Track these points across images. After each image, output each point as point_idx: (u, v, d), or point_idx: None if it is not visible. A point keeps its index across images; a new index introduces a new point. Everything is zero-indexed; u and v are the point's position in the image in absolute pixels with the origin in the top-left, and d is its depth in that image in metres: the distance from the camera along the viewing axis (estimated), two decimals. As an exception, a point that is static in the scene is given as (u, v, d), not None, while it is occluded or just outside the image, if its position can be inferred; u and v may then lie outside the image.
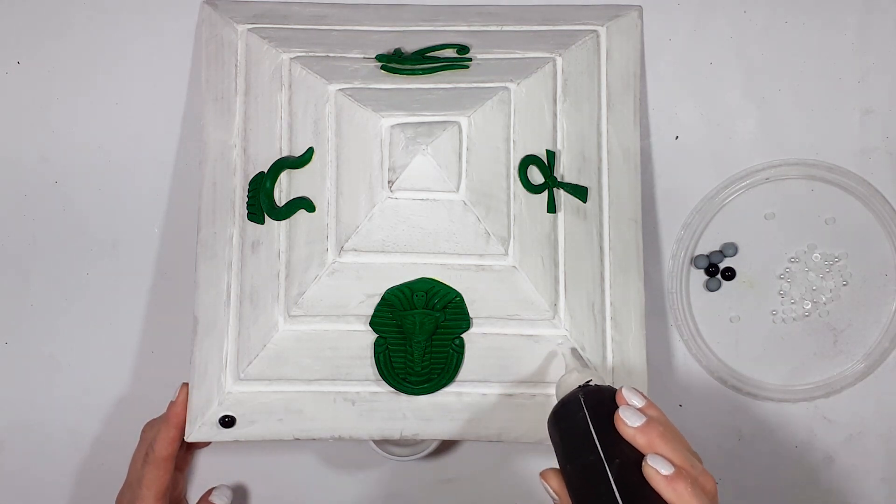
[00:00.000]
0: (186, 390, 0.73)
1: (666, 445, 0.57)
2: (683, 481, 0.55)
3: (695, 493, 0.55)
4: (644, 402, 0.60)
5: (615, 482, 0.56)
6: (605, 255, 0.74)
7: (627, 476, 0.56)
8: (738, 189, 0.80)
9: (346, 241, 0.69)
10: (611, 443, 0.58)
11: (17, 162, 0.80)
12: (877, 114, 0.80)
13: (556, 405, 0.62)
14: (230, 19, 0.75)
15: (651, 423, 0.58)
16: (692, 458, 0.58)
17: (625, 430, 0.58)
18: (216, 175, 0.74)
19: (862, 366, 0.81)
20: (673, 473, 0.55)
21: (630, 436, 0.57)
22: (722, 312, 0.81)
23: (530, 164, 0.71)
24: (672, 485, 0.55)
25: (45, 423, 0.80)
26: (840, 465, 0.82)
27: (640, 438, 0.57)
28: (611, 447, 0.57)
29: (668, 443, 0.57)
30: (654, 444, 0.57)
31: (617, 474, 0.56)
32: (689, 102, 0.80)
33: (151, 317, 0.80)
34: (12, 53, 0.79)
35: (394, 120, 0.69)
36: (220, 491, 0.78)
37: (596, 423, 0.58)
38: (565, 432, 0.60)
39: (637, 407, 0.59)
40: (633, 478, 0.56)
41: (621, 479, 0.56)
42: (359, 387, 0.72)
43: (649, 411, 0.59)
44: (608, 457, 0.57)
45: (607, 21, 0.76)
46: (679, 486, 0.55)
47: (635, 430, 0.57)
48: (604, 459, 0.57)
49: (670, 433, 0.58)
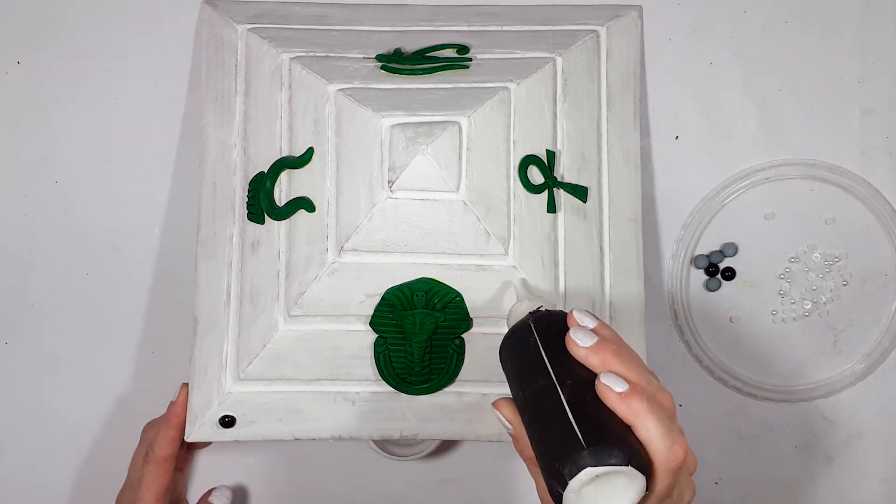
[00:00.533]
0: (186, 390, 0.73)
1: (620, 363, 0.54)
2: (638, 397, 0.52)
3: (651, 410, 0.52)
4: (596, 322, 0.56)
5: (567, 403, 0.53)
6: (605, 255, 0.74)
7: (580, 396, 0.53)
8: (738, 189, 0.80)
9: (346, 241, 0.69)
10: (563, 365, 0.55)
11: (17, 162, 0.80)
12: (877, 114, 0.80)
13: (507, 333, 0.59)
14: (230, 19, 0.75)
15: (604, 342, 0.55)
16: (648, 375, 0.55)
17: (576, 351, 0.55)
18: (216, 175, 0.74)
19: (862, 366, 0.81)
20: (627, 390, 0.52)
21: (582, 356, 0.55)
22: (722, 312, 0.81)
23: (530, 164, 0.71)
24: (626, 401, 0.52)
25: (45, 423, 0.80)
26: (840, 465, 0.82)
27: (593, 358, 0.54)
28: (563, 369, 0.55)
29: (622, 361, 0.54)
30: (608, 363, 0.54)
31: (569, 395, 0.53)
32: (689, 102, 0.80)
33: (151, 317, 0.80)
34: (12, 53, 0.79)
35: (394, 120, 0.69)
36: (219, 492, 0.78)
37: (547, 347, 0.56)
38: (516, 359, 0.57)
39: (590, 328, 0.56)
40: (587, 397, 0.53)
41: (574, 400, 0.53)
42: (359, 387, 0.72)
43: (602, 331, 0.56)
44: (560, 379, 0.54)
45: (607, 21, 0.76)
46: (634, 402, 0.52)
47: (587, 350, 0.54)
48: (555, 381, 0.54)
49: (624, 352, 0.55)
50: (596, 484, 0.51)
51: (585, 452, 0.50)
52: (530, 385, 0.55)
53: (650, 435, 0.52)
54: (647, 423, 0.52)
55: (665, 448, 0.52)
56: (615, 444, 0.51)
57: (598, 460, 0.50)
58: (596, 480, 0.51)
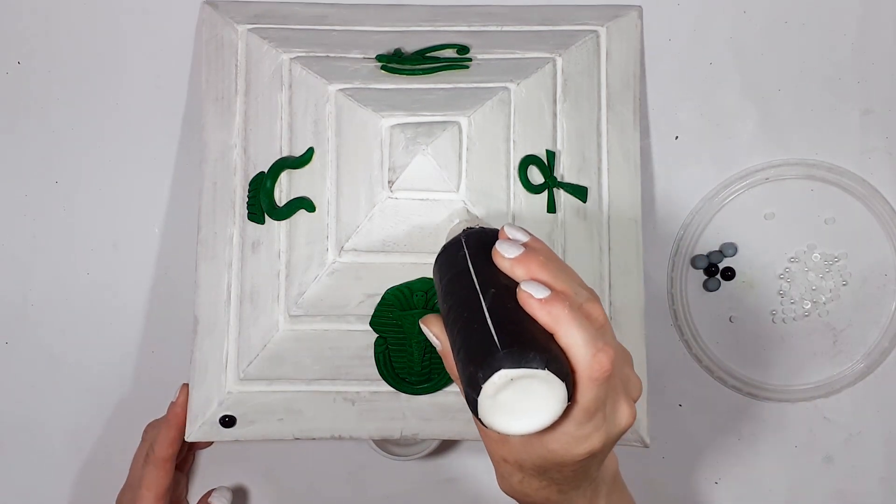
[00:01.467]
0: (187, 391, 0.73)
1: (546, 273, 0.52)
2: (560, 303, 0.50)
3: (574, 317, 0.49)
4: (528, 237, 0.54)
5: (488, 310, 0.50)
6: (605, 255, 0.74)
7: (502, 304, 0.51)
8: (738, 189, 0.80)
9: (346, 241, 0.69)
10: (489, 278, 0.53)
11: (18, 162, 0.80)
12: (877, 114, 0.80)
13: (440, 250, 0.58)
14: (230, 19, 0.75)
15: (530, 253, 0.52)
16: (577, 287, 0.52)
17: (501, 263, 0.53)
18: (216, 175, 0.74)
19: (862, 366, 0.81)
20: (549, 296, 0.50)
21: (507, 268, 0.52)
22: (722, 312, 0.81)
23: (530, 164, 0.71)
24: (547, 307, 0.50)
25: (45, 423, 0.80)
26: (840, 465, 0.82)
27: (518, 269, 0.52)
28: (487, 280, 0.52)
29: (548, 271, 0.52)
30: (533, 273, 0.52)
31: (490, 302, 0.51)
32: (689, 102, 0.80)
33: (151, 317, 0.80)
34: (12, 53, 0.79)
35: (394, 120, 0.69)
36: (219, 492, 0.78)
37: (475, 260, 0.54)
38: (444, 274, 0.55)
39: (521, 241, 0.54)
40: (508, 305, 0.51)
41: (494, 307, 0.51)
42: (359, 387, 0.72)
43: (533, 244, 0.54)
44: (483, 289, 0.52)
45: (607, 21, 0.76)
46: (555, 308, 0.50)
47: (512, 261, 0.52)
48: (479, 291, 0.52)
49: (553, 263, 0.53)
50: (513, 390, 0.49)
51: (500, 354, 0.48)
52: (455, 297, 0.53)
53: (572, 342, 0.49)
54: (568, 330, 0.49)
55: (588, 356, 0.49)
56: (532, 348, 0.48)
57: (513, 362, 0.48)
58: (513, 386, 0.49)
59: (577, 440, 0.51)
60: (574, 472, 0.53)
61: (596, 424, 0.51)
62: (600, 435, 0.51)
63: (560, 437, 0.51)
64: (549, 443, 0.51)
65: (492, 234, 0.55)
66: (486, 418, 0.49)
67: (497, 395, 0.49)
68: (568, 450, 0.51)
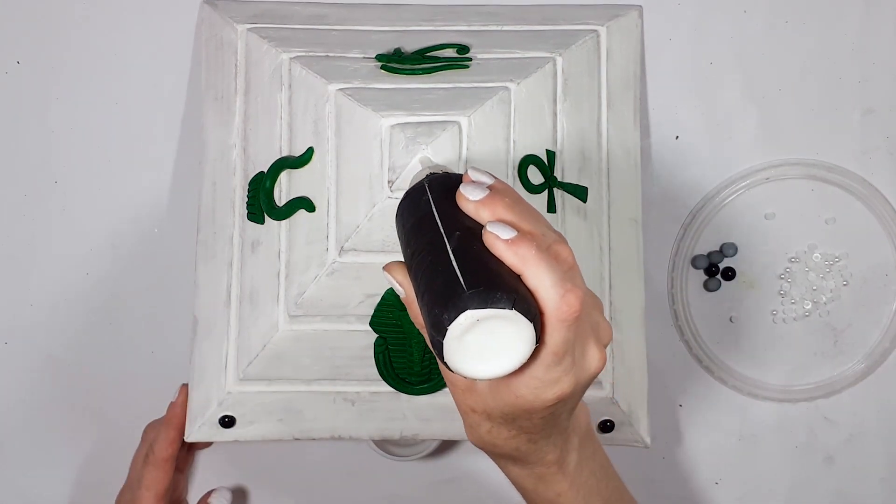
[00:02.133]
0: (186, 391, 0.73)
1: (512, 214, 0.50)
2: (527, 244, 0.48)
3: (542, 257, 0.48)
4: (493, 179, 0.53)
5: (453, 252, 0.49)
6: (605, 255, 0.74)
7: (467, 246, 0.49)
8: (738, 189, 0.80)
9: (346, 241, 0.69)
10: (452, 220, 0.51)
11: (18, 162, 0.80)
12: (877, 113, 0.80)
13: (402, 197, 0.56)
14: (230, 19, 0.75)
15: (495, 195, 0.51)
16: (545, 228, 0.51)
17: (465, 206, 0.51)
18: (216, 175, 0.74)
19: (862, 366, 0.81)
20: (516, 237, 0.49)
21: (471, 210, 0.51)
22: (722, 312, 0.81)
23: (530, 164, 0.71)
24: (513, 248, 0.48)
25: (45, 423, 0.80)
26: (840, 465, 0.82)
27: (483, 211, 0.51)
28: (452, 223, 0.51)
29: (515, 212, 0.50)
30: (498, 215, 0.50)
31: (455, 244, 0.49)
32: (689, 102, 0.80)
33: (151, 317, 0.80)
34: (12, 53, 0.79)
35: (394, 120, 0.69)
36: (219, 493, 0.78)
37: (439, 205, 0.52)
38: (407, 220, 0.54)
39: (486, 184, 0.52)
40: (474, 247, 0.49)
41: (460, 249, 0.49)
42: (359, 387, 0.72)
43: (498, 186, 0.52)
44: (448, 232, 0.50)
45: (607, 21, 0.76)
46: (521, 248, 0.48)
47: (477, 203, 0.51)
48: (443, 234, 0.50)
49: (519, 205, 0.51)
50: (480, 332, 0.47)
51: (466, 294, 0.47)
52: (419, 242, 0.52)
53: (539, 282, 0.48)
54: (535, 271, 0.48)
55: (556, 296, 0.48)
56: (499, 287, 0.47)
57: (478, 302, 0.47)
58: (479, 328, 0.47)
59: (546, 384, 0.50)
60: (543, 419, 0.52)
61: (565, 368, 0.50)
62: (570, 379, 0.50)
63: (528, 381, 0.50)
64: (518, 388, 0.50)
65: (456, 179, 0.54)
66: (453, 362, 0.48)
67: (463, 337, 0.47)
68: (537, 395, 0.50)
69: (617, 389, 0.73)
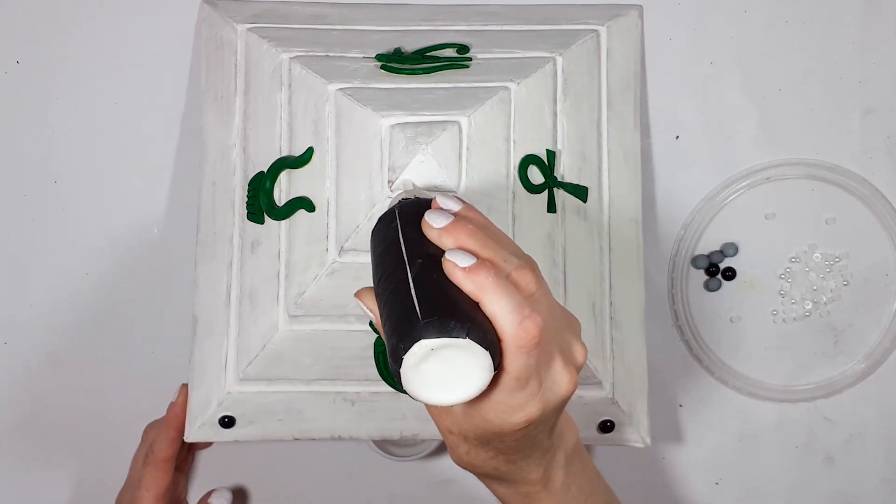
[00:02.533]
0: (186, 391, 0.73)
1: (473, 241, 0.50)
2: (485, 271, 0.49)
3: (499, 285, 0.48)
4: (460, 206, 0.53)
5: (413, 280, 0.49)
6: (606, 255, 0.74)
7: (427, 274, 0.50)
8: (738, 189, 0.80)
9: (346, 241, 0.69)
10: (418, 248, 0.51)
11: (17, 162, 0.80)
12: (878, 113, 0.80)
13: (376, 221, 0.56)
14: (230, 19, 0.75)
15: (458, 221, 0.51)
16: (508, 255, 0.51)
17: (430, 233, 0.51)
18: (216, 175, 0.74)
19: (862, 366, 0.81)
20: (473, 265, 0.49)
21: (434, 237, 0.51)
22: (722, 312, 0.81)
23: (530, 164, 0.71)
24: (471, 276, 0.49)
25: (45, 423, 0.80)
26: (840, 465, 0.82)
27: (446, 238, 0.51)
28: (416, 251, 0.51)
29: (476, 239, 0.50)
30: (461, 243, 0.50)
31: (416, 273, 0.50)
32: (689, 102, 0.80)
33: (151, 317, 0.80)
34: (12, 53, 0.79)
35: (394, 120, 0.69)
36: (219, 493, 0.78)
37: (405, 231, 0.53)
38: (377, 246, 0.54)
39: (452, 211, 0.52)
40: (434, 275, 0.50)
41: (420, 277, 0.50)
42: (359, 387, 0.72)
43: (466, 213, 0.52)
44: (411, 259, 0.51)
45: (607, 21, 0.76)
46: (479, 276, 0.48)
47: (440, 230, 0.51)
48: (406, 261, 0.51)
49: (483, 232, 0.51)
50: (436, 360, 0.48)
51: (420, 325, 0.47)
52: (385, 268, 0.52)
53: (496, 310, 0.48)
54: (492, 297, 0.49)
55: (513, 323, 0.48)
56: (453, 316, 0.48)
57: (433, 332, 0.47)
58: (435, 356, 0.48)
59: (511, 409, 0.50)
60: (517, 441, 0.52)
61: (530, 392, 0.50)
62: (536, 403, 0.50)
63: (494, 406, 0.50)
64: (486, 412, 0.51)
65: (426, 205, 0.54)
66: (411, 390, 0.49)
67: (420, 366, 0.48)
68: (504, 419, 0.51)
69: (617, 389, 0.73)
